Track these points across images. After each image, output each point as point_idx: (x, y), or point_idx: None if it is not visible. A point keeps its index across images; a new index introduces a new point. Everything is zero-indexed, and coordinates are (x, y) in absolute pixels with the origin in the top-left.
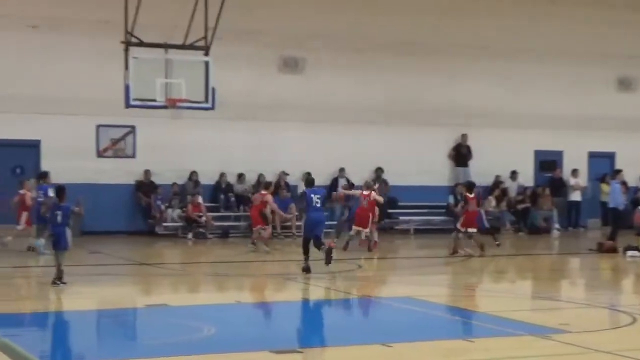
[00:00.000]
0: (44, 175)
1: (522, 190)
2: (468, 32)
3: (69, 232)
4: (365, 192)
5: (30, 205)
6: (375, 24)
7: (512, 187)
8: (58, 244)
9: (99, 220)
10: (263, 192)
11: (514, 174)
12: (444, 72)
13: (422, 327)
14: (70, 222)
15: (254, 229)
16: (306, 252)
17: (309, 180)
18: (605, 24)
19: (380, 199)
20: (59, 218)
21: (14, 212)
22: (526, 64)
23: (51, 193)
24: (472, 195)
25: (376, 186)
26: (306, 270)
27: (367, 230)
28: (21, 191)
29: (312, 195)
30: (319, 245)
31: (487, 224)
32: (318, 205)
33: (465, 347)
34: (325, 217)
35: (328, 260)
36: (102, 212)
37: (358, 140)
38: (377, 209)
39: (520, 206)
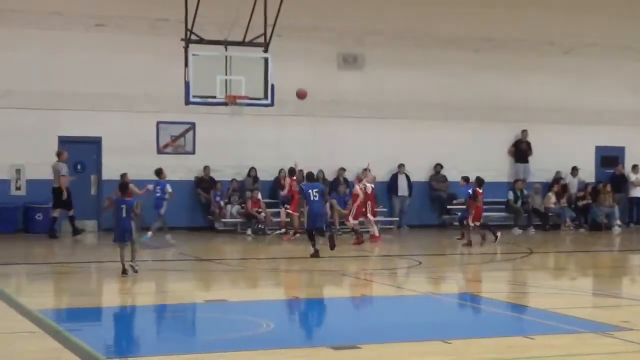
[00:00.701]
0: (160, 172)
1: (583, 186)
2: (531, 27)
3: (133, 226)
4: (359, 186)
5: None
6: (435, 18)
7: (572, 183)
8: (122, 237)
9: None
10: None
11: (574, 170)
12: (505, 68)
13: (481, 323)
14: (134, 216)
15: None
16: (312, 239)
17: (307, 175)
18: None
19: (368, 187)
20: (124, 212)
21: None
22: (588, 59)
23: (169, 189)
24: (481, 191)
25: (365, 176)
26: (315, 255)
27: (355, 222)
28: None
29: (310, 190)
30: (322, 234)
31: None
32: (317, 198)
33: (526, 344)
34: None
35: (332, 245)
36: None
37: (417, 136)
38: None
39: (581, 202)
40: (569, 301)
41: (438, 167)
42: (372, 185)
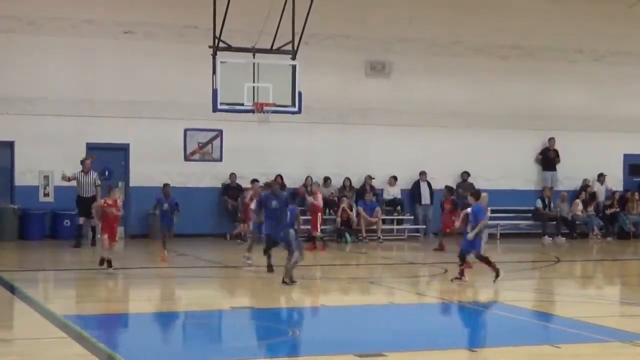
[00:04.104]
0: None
1: (611, 194)
2: (560, 34)
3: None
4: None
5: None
6: (463, 26)
7: (600, 191)
8: (169, 230)
9: (186, 223)
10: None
11: (600, 177)
12: (533, 75)
13: (508, 332)
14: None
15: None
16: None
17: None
18: None
19: (309, 200)
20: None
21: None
22: (617, 66)
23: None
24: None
25: (315, 188)
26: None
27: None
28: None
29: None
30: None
31: None
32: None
33: (552, 352)
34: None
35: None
36: (189, 215)
37: (444, 144)
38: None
39: (609, 211)
40: (596, 310)
41: (465, 174)
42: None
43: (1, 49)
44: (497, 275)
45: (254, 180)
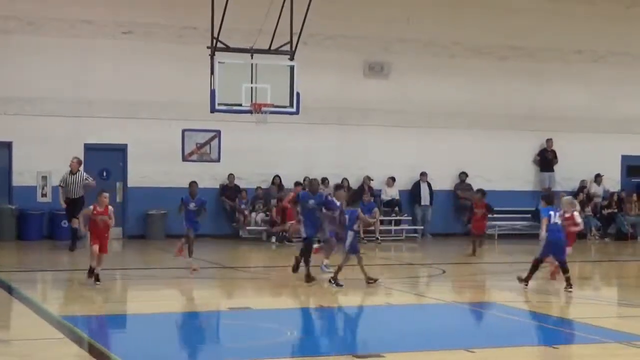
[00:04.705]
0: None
1: (608, 195)
2: (558, 35)
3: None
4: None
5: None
6: (462, 27)
7: (597, 192)
8: (197, 230)
9: (184, 224)
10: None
11: (597, 177)
12: (531, 76)
13: (506, 333)
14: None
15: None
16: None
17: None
18: None
19: None
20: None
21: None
22: (615, 67)
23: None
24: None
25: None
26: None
27: None
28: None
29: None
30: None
31: None
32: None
33: (550, 353)
34: None
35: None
36: None
37: (442, 144)
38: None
39: (606, 211)
40: (594, 311)
41: (463, 175)
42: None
43: (0, 49)
44: (568, 285)
45: (298, 184)
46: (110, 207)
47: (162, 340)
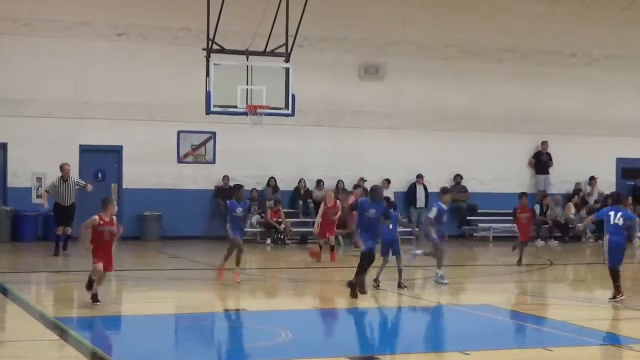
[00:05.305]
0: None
1: (603, 198)
2: (554, 38)
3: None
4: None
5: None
6: (457, 29)
7: (592, 194)
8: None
9: (179, 225)
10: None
11: (592, 180)
12: (526, 79)
13: (500, 335)
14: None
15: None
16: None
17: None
18: None
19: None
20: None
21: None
22: (611, 70)
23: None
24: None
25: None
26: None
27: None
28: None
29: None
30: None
31: None
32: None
33: (545, 356)
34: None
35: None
36: (182, 217)
37: (437, 147)
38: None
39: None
40: (589, 313)
41: (458, 177)
42: None
43: None
44: (616, 295)
45: (357, 186)
46: (114, 217)
47: (156, 342)
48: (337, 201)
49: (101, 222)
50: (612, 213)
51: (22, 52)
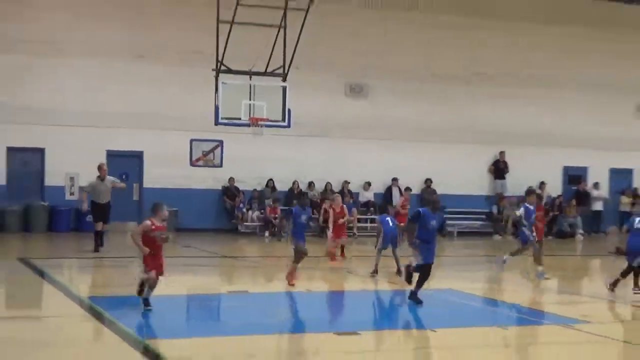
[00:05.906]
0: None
1: (552, 200)
2: (514, 63)
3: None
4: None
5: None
6: (429, 56)
7: (542, 197)
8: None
9: (191, 219)
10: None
11: (542, 185)
12: (489, 98)
13: (462, 315)
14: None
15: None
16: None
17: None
18: (629, 59)
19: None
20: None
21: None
22: (561, 91)
23: None
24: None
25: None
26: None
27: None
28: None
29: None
30: None
31: None
32: None
33: (500, 333)
34: None
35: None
36: (194, 212)
37: (412, 155)
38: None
39: (550, 214)
40: (538, 297)
41: (428, 181)
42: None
43: (34, 69)
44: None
45: (408, 189)
46: (164, 222)
47: (170, 318)
48: (344, 206)
49: (153, 226)
50: (637, 219)
51: (57, 70)
